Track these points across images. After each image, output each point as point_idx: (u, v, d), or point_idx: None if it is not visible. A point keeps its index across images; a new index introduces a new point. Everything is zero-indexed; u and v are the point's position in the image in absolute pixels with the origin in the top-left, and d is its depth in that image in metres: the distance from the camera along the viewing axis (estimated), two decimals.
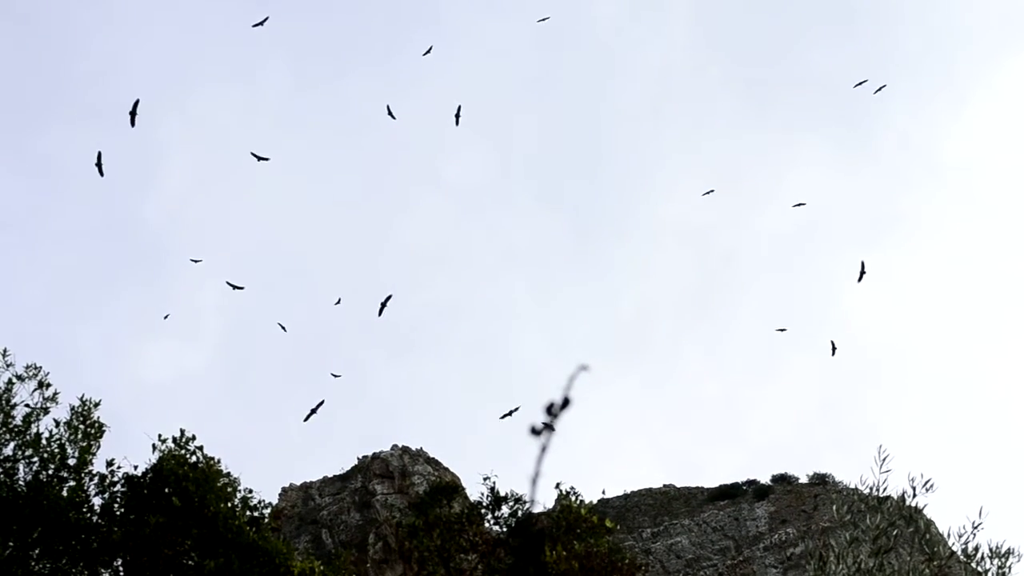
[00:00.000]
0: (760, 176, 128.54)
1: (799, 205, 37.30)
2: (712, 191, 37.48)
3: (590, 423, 77.35)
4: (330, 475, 53.99)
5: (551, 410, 2.88)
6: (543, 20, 37.16)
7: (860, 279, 28.10)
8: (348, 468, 53.81)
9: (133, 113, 25.63)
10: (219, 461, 20.56)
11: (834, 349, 31.57)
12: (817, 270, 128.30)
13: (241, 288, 29.83)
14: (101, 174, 26.07)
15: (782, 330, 35.13)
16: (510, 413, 27.81)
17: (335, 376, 36.15)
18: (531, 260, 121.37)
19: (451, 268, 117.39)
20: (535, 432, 2.89)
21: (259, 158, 28.75)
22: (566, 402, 2.89)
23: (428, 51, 32.08)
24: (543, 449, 2.89)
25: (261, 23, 29.45)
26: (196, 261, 32.35)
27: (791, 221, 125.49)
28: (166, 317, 37.87)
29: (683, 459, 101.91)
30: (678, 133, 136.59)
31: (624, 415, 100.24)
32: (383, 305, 28.20)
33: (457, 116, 29.55)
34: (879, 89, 31.95)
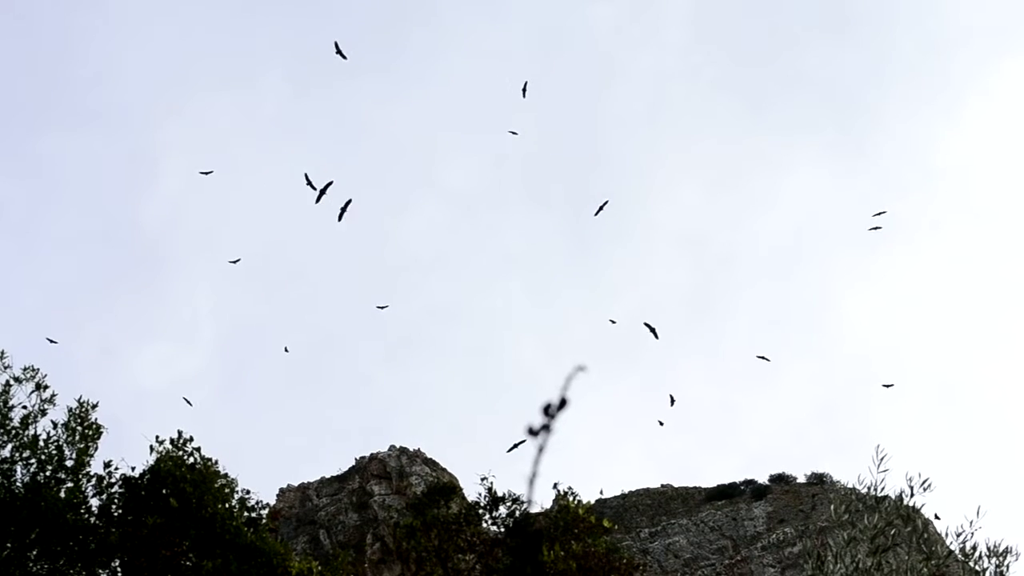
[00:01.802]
0: (757, 179, 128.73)
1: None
2: (657, 330, 34.87)
3: (588, 424, 77.35)
4: (328, 476, 54.00)
5: (548, 411, 2.88)
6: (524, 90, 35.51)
7: (656, 337, 28.10)
8: (346, 469, 53.82)
9: (322, 192, 24.26)
10: (216, 462, 20.58)
11: (672, 401, 31.07)
12: (815, 272, 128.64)
13: (315, 188, 25.40)
14: (318, 200, 24.34)
15: (763, 358, 34.12)
16: (516, 446, 26.99)
17: (380, 308, 34.58)
18: (528, 263, 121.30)
19: (449, 271, 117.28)
20: (532, 432, 2.89)
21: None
22: (563, 403, 2.89)
23: None
24: (540, 449, 2.89)
25: (323, 190, 25.18)
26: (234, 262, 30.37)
27: (789, 223, 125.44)
28: (286, 350, 35.44)
29: (681, 461, 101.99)
30: (675, 136, 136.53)
31: (622, 417, 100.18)
32: (513, 447, 27.16)
33: (524, 90, 29.10)
34: (875, 228, 31.43)
